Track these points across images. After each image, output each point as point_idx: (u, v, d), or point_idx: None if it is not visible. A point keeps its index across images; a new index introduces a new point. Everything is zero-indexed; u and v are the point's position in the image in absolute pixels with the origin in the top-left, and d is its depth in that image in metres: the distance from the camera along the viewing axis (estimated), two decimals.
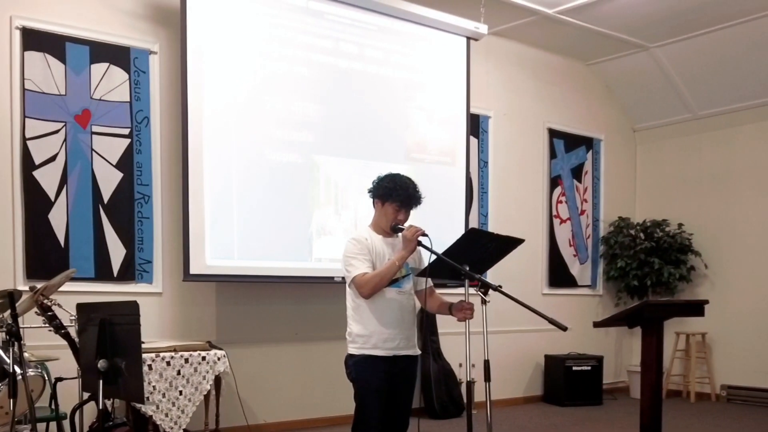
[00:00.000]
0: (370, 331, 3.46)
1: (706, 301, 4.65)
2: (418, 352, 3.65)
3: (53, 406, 4.33)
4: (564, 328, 3.26)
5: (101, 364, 2.99)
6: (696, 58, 7.55)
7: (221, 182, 5.26)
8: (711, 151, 8.09)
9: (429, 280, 3.58)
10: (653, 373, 4.29)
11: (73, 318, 3.74)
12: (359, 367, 3.48)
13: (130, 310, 3.00)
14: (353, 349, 3.51)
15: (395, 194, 3.49)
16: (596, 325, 4.90)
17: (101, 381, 3.01)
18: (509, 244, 3.58)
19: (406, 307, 3.55)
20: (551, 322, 3.27)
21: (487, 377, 3.43)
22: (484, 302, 3.35)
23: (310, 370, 6.02)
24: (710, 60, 7.50)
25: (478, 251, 3.37)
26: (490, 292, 3.38)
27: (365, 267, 3.42)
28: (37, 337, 4.46)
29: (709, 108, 8.02)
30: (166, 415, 4.67)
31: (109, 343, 3.02)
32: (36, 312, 3.68)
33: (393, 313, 3.48)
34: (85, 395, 4.00)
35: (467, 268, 3.32)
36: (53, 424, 4.46)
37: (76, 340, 3.58)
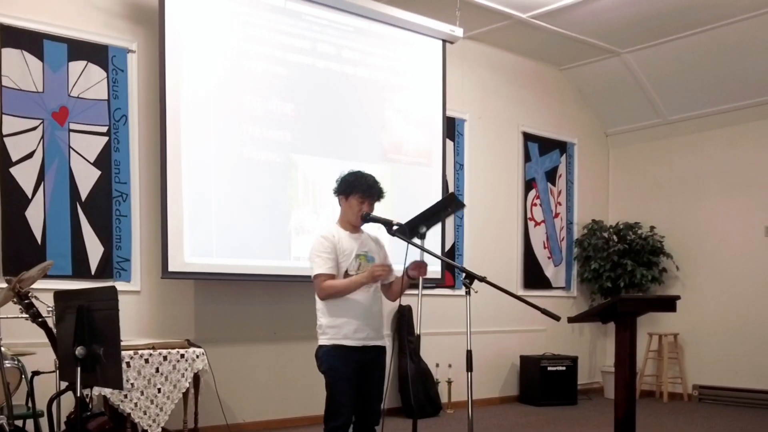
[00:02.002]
0: (340, 322, 3.61)
1: (678, 297, 4.76)
2: (386, 343, 3.79)
3: (29, 404, 4.29)
4: (557, 318, 3.36)
5: (79, 351, 2.98)
6: (666, 64, 7.72)
7: (200, 180, 5.27)
8: (681, 156, 8.27)
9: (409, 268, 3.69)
10: (627, 368, 4.35)
11: (50, 309, 3.74)
12: (330, 357, 3.61)
13: (108, 295, 3.01)
14: (324, 340, 3.64)
15: (357, 186, 3.67)
16: (571, 320, 4.97)
17: (79, 368, 3.00)
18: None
19: (373, 300, 3.70)
20: (544, 312, 3.34)
21: (469, 367, 3.46)
22: (469, 293, 3.43)
23: (289, 369, 6.03)
24: (680, 66, 7.67)
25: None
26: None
27: (327, 267, 3.59)
28: (13, 333, 4.43)
29: (678, 113, 8.20)
30: (145, 413, 4.66)
31: (87, 330, 3.02)
32: (13, 301, 3.67)
33: (361, 305, 3.64)
34: (63, 386, 3.98)
35: (423, 229, 3.59)
36: (29, 421, 4.42)
37: (54, 330, 3.57)
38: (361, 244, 3.72)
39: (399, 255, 3.71)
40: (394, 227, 3.59)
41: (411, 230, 3.55)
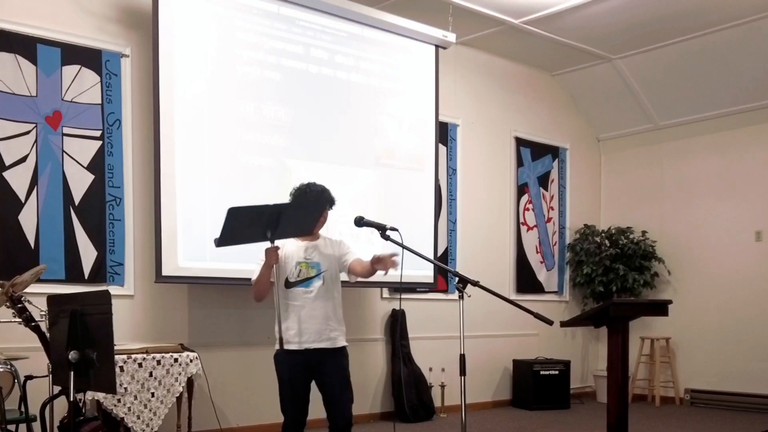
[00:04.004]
0: (284, 327, 3.82)
1: (670, 301, 4.79)
2: (337, 344, 3.87)
3: (22, 409, 4.28)
4: (550, 322, 3.40)
5: (72, 355, 2.97)
6: (657, 70, 7.78)
7: (193, 184, 5.27)
8: (672, 161, 8.32)
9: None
10: (619, 371, 4.38)
11: (44, 313, 3.73)
12: (277, 361, 3.88)
13: (102, 299, 3.00)
14: (276, 345, 3.86)
15: (306, 198, 3.93)
16: (563, 324, 5.00)
17: (72, 373, 3.00)
18: (311, 205, 3.86)
19: (315, 304, 3.82)
20: (536, 316, 3.37)
21: (463, 371, 3.48)
22: (462, 297, 3.48)
23: None
24: (671, 72, 7.73)
25: (270, 219, 3.68)
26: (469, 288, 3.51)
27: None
28: (5, 337, 4.43)
29: (670, 118, 8.25)
30: (138, 417, 4.65)
31: (81, 334, 3.01)
32: (6, 305, 3.67)
33: (301, 310, 3.81)
34: (56, 390, 3.97)
35: (269, 233, 3.68)
36: (22, 426, 4.41)
37: (47, 334, 3.56)
38: (308, 251, 3.88)
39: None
40: (388, 231, 3.64)
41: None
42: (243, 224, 3.67)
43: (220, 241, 3.71)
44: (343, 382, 3.87)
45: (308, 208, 3.88)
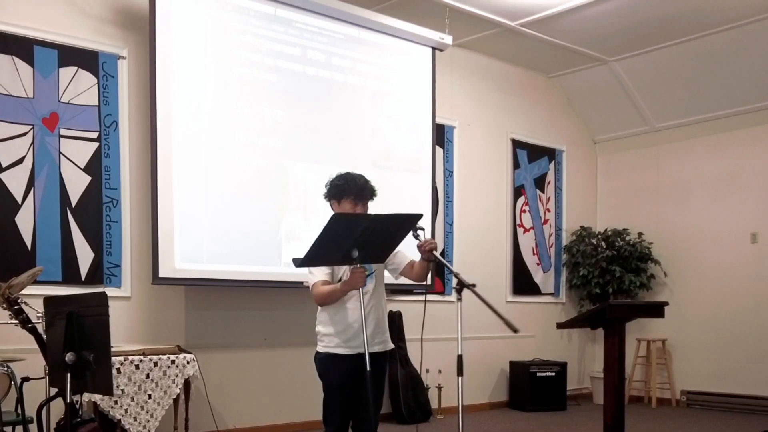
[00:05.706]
0: (334, 330, 3.52)
1: (666, 303, 4.82)
2: (387, 347, 3.65)
3: (19, 411, 4.27)
4: (515, 330, 3.34)
5: (69, 357, 2.96)
6: (653, 72, 7.80)
7: (190, 186, 5.28)
8: (668, 163, 8.34)
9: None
10: (615, 373, 4.41)
11: (40, 315, 3.73)
12: (323, 364, 3.57)
13: (99, 301, 2.99)
14: (320, 347, 3.59)
15: (348, 189, 3.54)
16: (560, 326, 5.03)
17: (69, 375, 2.99)
18: (402, 221, 3.46)
19: (369, 306, 3.55)
20: (506, 323, 3.34)
21: (460, 372, 3.45)
22: (459, 299, 3.44)
23: (279, 375, 6.03)
24: (667, 74, 7.75)
25: (361, 235, 3.29)
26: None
27: (322, 275, 3.48)
28: (2, 339, 4.43)
29: (665, 121, 8.27)
30: (135, 419, 4.65)
31: (78, 336, 3.01)
32: (3, 306, 3.67)
33: (355, 313, 3.49)
34: (53, 392, 3.97)
35: (356, 254, 3.26)
36: (19, 428, 4.40)
37: (44, 336, 3.57)
38: None
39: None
40: (418, 231, 3.51)
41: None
42: (336, 237, 3.24)
43: (304, 261, 3.30)
44: (381, 387, 3.66)
45: (401, 223, 3.40)
